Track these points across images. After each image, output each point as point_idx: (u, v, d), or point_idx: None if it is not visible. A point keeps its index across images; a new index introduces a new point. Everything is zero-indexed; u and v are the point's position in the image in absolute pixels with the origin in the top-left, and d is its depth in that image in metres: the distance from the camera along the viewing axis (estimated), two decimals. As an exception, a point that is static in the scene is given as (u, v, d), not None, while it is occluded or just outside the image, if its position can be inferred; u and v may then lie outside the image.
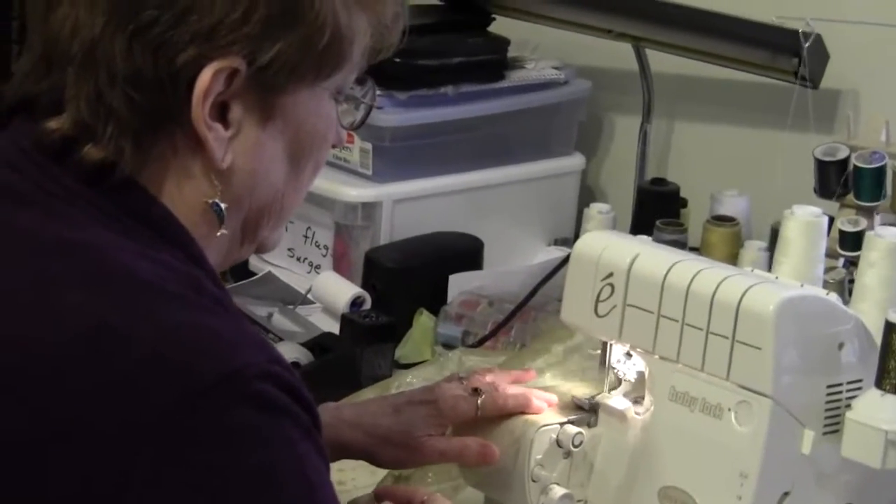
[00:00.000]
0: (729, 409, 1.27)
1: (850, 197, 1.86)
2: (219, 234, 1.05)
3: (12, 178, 1.03)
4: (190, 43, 0.99)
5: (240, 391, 0.92)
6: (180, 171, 1.03)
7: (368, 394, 1.69)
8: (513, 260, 2.17)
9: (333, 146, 1.12)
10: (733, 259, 1.88)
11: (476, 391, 1.38)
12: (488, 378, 1.41)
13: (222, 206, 1.04)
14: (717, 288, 1.27)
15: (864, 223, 1.76)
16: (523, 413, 1.36)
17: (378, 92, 1.19)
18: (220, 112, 1.02)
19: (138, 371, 0.91)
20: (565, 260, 1.60)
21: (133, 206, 1.01)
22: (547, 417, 1.36)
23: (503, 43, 2.22)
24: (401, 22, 1.11)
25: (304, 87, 1.05)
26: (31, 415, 0.92)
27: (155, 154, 1.02)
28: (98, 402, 0.91)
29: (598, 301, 1.36)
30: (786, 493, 1.27)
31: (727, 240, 1.95)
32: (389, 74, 2.03)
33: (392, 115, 2.06)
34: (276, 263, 2.18)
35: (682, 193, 2.11)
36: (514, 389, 1.38)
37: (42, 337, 0.94)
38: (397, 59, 2.03)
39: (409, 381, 1.66)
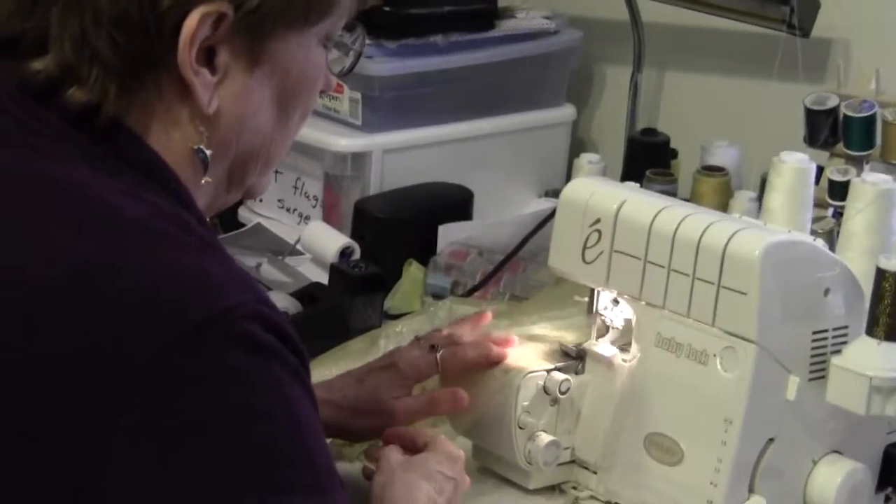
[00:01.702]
0: (714, 355, 1.27)
1: (840, 146, 1.85)
2: (203, 181, 1.05)
3: None
4: None
5: (227, 331, 0.91)
6: (166, 116, 1.02)
7: (357, 344, 1.69)
8: (503, 211, 2.16)
9: (322, 92, 1.12)
10: (723, 209, 1.88)
11: (434, 348, 1.38)
12: (445, 332, 1.41)
13: (207, 152, 1.04)
14: (703, 233, 1.27)
15: (853, 172, 1.75)
16: (492, 361, 1.36)
17: (367, 41, 1.18)
18: (207, 57, 1.01)
19: (126, 310, 0.91)
20: (555, 210, 1.59)
21: (119, 148, 1.01)
22: (534, 364, 1.36)
23: (494, -9, 2.21)
24: None
25: (292, 32, 1.04)
26: (21, 351, 0.91)
27: (140, 98, 1.01)
28: (87, 339, 0.90)
29: (585, 247, 1.36)
30: (771, 440, 1.28)
31: (717, 190, 1.94)
32: (379, 23, 2.02)
33: (381, 64, 2.05)
34: (266, 214, 2.18)
35: (673, 144, 2.10)
36: (472, 340, 1.38)
37: (30, 274, 0.94)
38: (387, 8, 2.05)
39: (399, 331, 1.66)
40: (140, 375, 0.90)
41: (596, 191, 1.38)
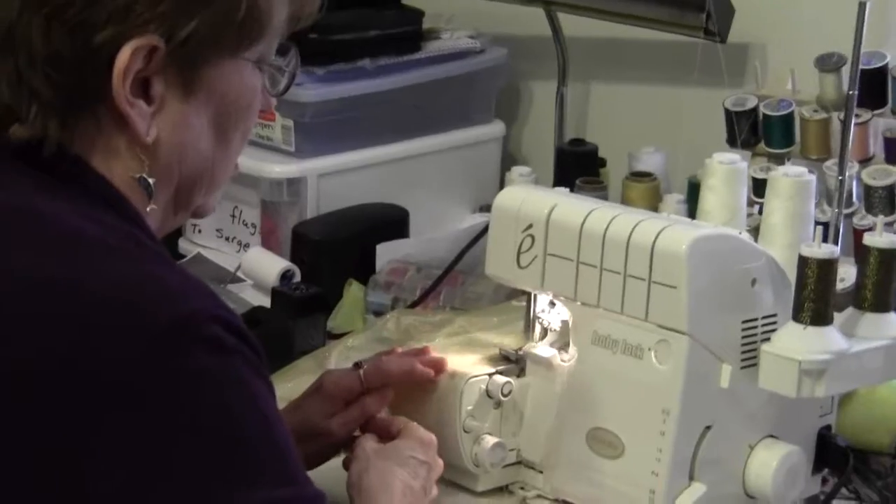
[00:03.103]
0: (649, 349, 1.31)
1: (762, 145, 1.91)
2: (148, 209, 1.07)
3: None
4: (107, 23, 1.01)
5: (192, 335, 0.95)
6: (107, 148, 1.05)
7: (304, 364, 1.72)
8: (439, 228, 2.20)
9: (262, 112, 1.14)
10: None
11: (357, 365, 1.40)
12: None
13: (150, 180, 1.07)
14: (631, 231, 1.32)
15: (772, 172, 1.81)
16: (416, 377, 1.38)
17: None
18: (143, 88, 1.04)
19: (92, 321, 0.94)
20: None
21: (67, 175, 1.04)
22: (476, 369, 1.39)
23: (417, 14, 2.25)
24: None
25: (224, 59, 1.07)
26: None
27: (80, 131, 1.04)
28: (54, 350, 0.93)
29: (520, 252, 1.40)
30: (708, 427, 1.32)
31: (646, 195, 1.99)
32: (307, 50, 2.01)
33: (311, 90, 2.08)
34: (205, 244, 2.20)
35: (601, 153, 2.15)
36: (398, 359, 1.41)
37: None
38: (313, 35, 2.09)
39: (350, 345, 1.69)
40: (109, 383, 0.93)
41: (527, 197, 1.42)
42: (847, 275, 1.64)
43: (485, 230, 1.92)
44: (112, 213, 1.04)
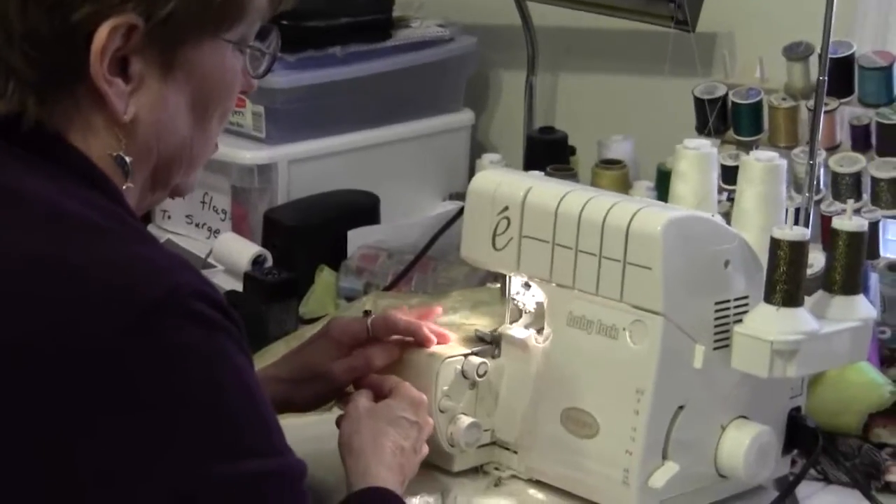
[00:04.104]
0: (623, 329, 1.33)
1: (731, 133, 1.93)
2: (125, 186, 1.08)
3: None
4: (84, 1, 1.01)
5: (178, 310, 0.96)
6: (85, 125, 1.06)
7: (277, 348, 1.72)
8: (409, 215, 2.21)
9: (243, 93, 1.15)
10: (622, 200, 1.94)
11: (367, 313, 1.42)
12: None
13: (127, 159, 1.07)
14: (607, 213, 1.33)
15: (744, 157, 1.83)
16: (420, 338, 1.39)
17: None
18: (121, 66, 1.04)
19: (80, 298, 0.95)
20: (461, 211, 1.64)
21: (47, 152, 1.04)
22: (451, 350, 1.40)
23: (388, 2, 2.26)
24: None
25: (205, 39, 1.07)
26: None
27: (59, 108, 1.05)
28: (43, 327, 0.94)
29: (495, 235, 1.41)
30: (681, 407, 1.33)
31: (616, 182, 2.00)
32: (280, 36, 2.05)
33: (282, 77, 2.09)
34: (175, 231, 2.21)
35: (571, 142, 2.16)
36: (407, 317, 1.42)
37: None
38: (284, 22, 2.08)
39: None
40: (97, 360, 0.94)
41: (503, 180, 1.43)
42: (815, 261, 1.66)
43: (456, 216, 1.94)
44: (95, 191, 1.04)
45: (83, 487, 0.93)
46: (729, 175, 1.82)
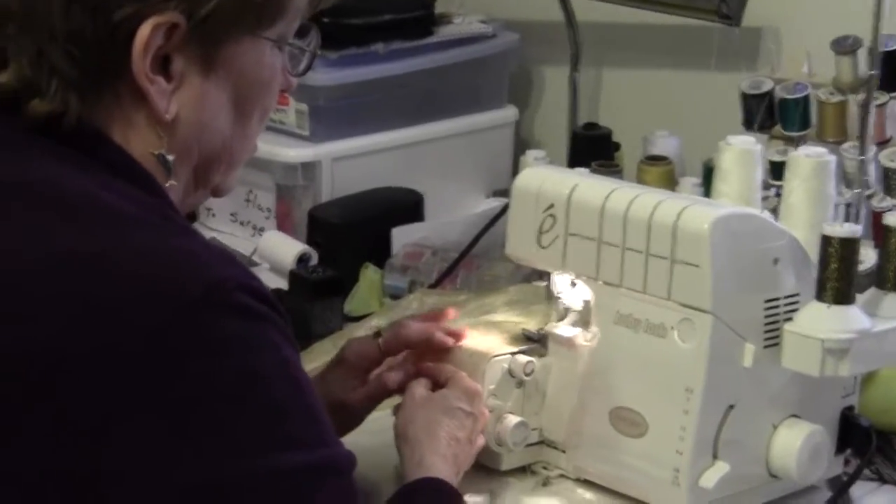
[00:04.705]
0: (672, 328, 1.31)
1: (778, 128, 1.91)
2: (167, 184, 1.08)
3: None
4: (126, 0, 1.01)
5: (224, 303, 0.96)
6: (126, 124, 1.05)
7: (321, 347, 1.72)
8: (453, 212, 2.20)
9: (283, 91, 1.14)
10: (668, 196, 1.92)
11: (377, 334, 1.41)
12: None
13: (169, 157, 1.07)
14: (653, 211, 1.32)
15: (792, 153, 1.81)
16: (435, 345, 1.38)
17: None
18: (163, 65, 1.04)
19: (121, 292, 0.94)
20: (506, 206, 1.63)
21: (89, 150, 1.04)
22: (498, 349, 1.39)
23: (429, -1, 2.25)
24: None
25: (245, 37, 1.07)
26: (21, 340, 0.94)
27: (100, 107, 1.05)
28: (85, 322, 0.94)
29: (540, 233, 1.40)
30: (731, 406, 1.32)
31: (661, 178, 1.99)
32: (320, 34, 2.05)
33: (325, 74, 2.08)
34: (220, 229, 2.21)
35: (615, 137, 2.14)
36: (418, 325, 1.40)
37: (23, 260, 0.97)
38: (326, 19, 2.09)
39: (374, 326, 1.69)
40: (141, 355, 0.93)
41: (548, 178, 1.42)
42: (865, 257, 1.64)
43: (500, 213, 1.94)
44: (137, 187, 1.04)
45: (121, 481, 0.93)
46: (777, 171, 1.80)
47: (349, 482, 1.03)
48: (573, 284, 1.41)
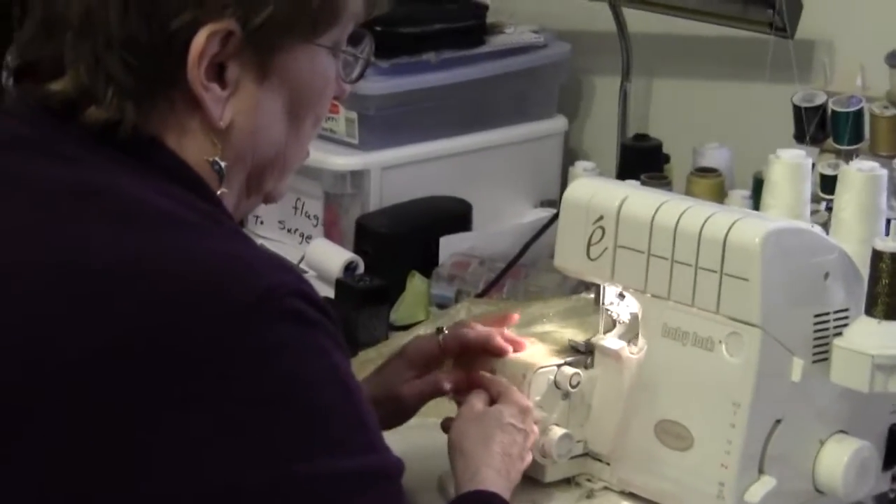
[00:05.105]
0: (720, 342, 1.31)
1: (830, 142, 1.90)
2: (219, 192, 1.08)
3: (25, 131, 1.07)
4: (183, 8, 1.03)
5: (276, 308, 0.96)
6: (181, 131, 1.06)
7: (367, 355, 1.72)
8: (501, 222, 2.20)
9: (336, 98, 1.15)
10: (718, 209, 1.91)
11: (439, 330, 1.42)
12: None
13: (222, 164, 1.08)
14: (703, 224, 1.31)
15: (844, 167, 1.80)
16: (494, 348, 1.38)
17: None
18: (218, 72, 1.05)
19: (176, 296, 0.96)
20: (554, 217, 1.63)
21: (144, 156, 1.05)
22: (544, 360, 1.39)
23: (482, 8, 2.25)
24: None
25: (299, 44, 1.08)
26: (77, 339, 0.96)
27: (155, 114, 1.06)
28: (141, 325, 0.95)
29: (589, 244, 1.40)
30: (778, 421, 1.31)
31: (711, 190, 1.98)
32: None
33: (375, 83, 2.09)
34: (268, 236, 2.22)
35: (665, 149, 2.14)
36: (480, 328, 1.41)
37: (78, 266, 0.98)
38: (378, 28, 2.09)
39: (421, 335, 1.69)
40: (194, 359, 0.94)
41: (598, 190, 1.41)
42: (917, 272, 1.62)
43: (548, 224, 1.93)
44: (191, 193, 1.05)
45: (168, 480, 0.94)
46: (828, 184, 1.79)
47: (398, 488, 1.03)
48: (621, 297, 1.41)
